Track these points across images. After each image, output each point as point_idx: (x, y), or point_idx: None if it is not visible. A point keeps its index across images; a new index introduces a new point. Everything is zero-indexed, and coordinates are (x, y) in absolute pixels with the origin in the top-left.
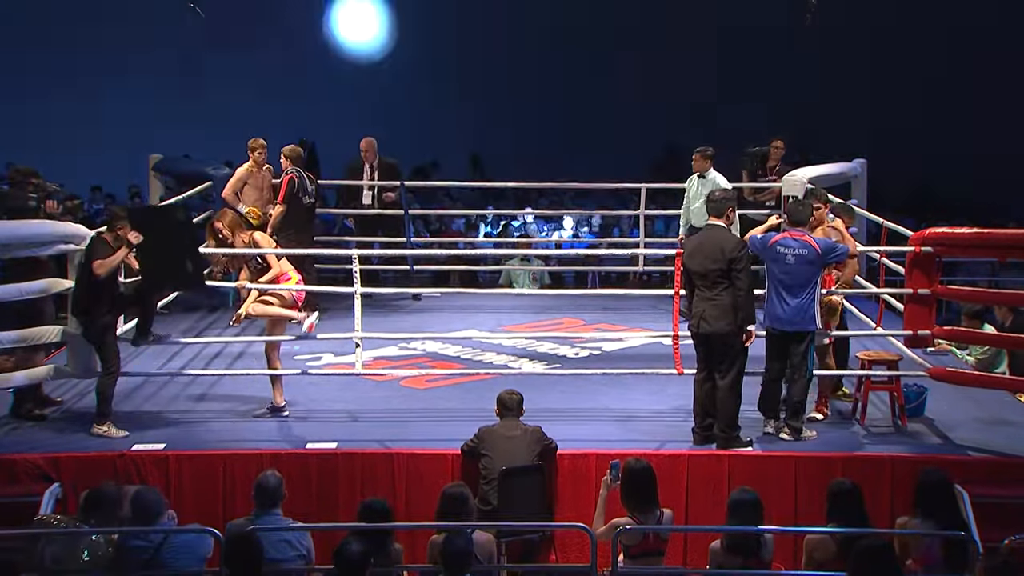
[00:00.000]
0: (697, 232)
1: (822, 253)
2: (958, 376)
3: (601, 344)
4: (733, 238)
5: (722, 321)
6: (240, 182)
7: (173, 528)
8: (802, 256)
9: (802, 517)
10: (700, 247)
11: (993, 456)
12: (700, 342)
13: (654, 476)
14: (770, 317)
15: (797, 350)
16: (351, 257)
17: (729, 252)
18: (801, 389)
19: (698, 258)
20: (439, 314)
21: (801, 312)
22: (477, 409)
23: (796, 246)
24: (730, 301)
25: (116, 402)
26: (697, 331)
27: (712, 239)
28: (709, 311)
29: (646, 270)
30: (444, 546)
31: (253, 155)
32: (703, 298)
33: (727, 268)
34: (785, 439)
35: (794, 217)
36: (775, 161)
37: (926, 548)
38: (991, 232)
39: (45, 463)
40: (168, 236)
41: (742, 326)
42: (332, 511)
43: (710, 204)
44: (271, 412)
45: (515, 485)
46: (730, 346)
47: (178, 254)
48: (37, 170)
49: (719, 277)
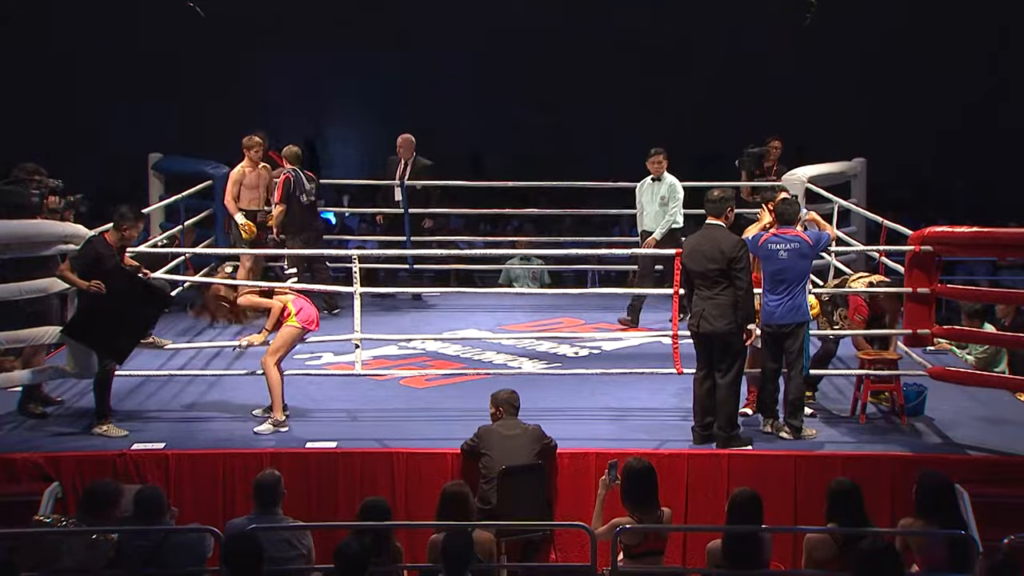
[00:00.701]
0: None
1: (813, 244)
2: (958, 375)
3: (601, 343)
4: (732, 238)
5: (722, 320)
6: (236, 185)
7: (173, 527)
8: (794, 250)
9: (802, 517)
10: (699, 247)
11: (993, 455)
12: (700, 341)
13: (655, 476)
14: (764, 315)
15: (792, 346)
16: (351, 257)
17: (729, 252)
18: (798, 386)
19: (697, 258)
20: (439, 313)
21: (795, 307)
22: (477, 408)
23: (787, 241)
24: (730, 300)
25: (116, 402)
26: (697, 330)
27: (711, 239)
28: (709, 310)
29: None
30: (444, 545)
31: (248, 153)
32: (703, 297)
33: (726, 268)
34: (785, 438)
35: (784, 217)
36: (772, 161)
37: (929, 550)
38: (991, 231)
39: (45, 462)
40: (121, 304)
41: (743, 325)
42: (332, 510)
43: (709, 204)
44: (273, 425)
45: (515, 484)
46: (730, 345)
47: (117, 324)
48: (40, 167)
49: (719, 276)
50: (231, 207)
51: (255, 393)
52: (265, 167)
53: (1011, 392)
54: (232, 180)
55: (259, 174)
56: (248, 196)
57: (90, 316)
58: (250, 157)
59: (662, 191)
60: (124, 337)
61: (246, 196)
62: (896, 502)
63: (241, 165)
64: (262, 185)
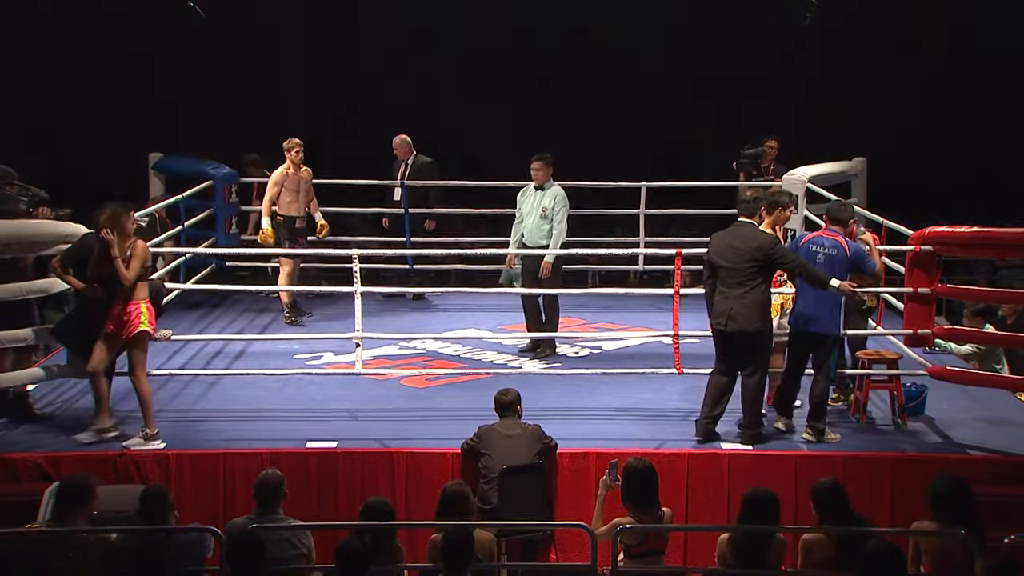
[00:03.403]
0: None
1: (850, 256)
2: (958, 375)
3: (601, 343)
4: (766, 234)
5: (751, 320)
6: (276, 187)
7: (173, 527)
8: (830, 256)
9: (802, 516)
10: (731, 242)
11: (993, 455)
12: (723, 339)
13: (656, 475)
14: (795, 315)
15: (820, 350)
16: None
17: (766, 248)
18: (823, 389)
19: (728, 253)
20: (439, 313)
21: (825, 312)
22: (477, 408)
23: (828, 245)
24: (759, 299)
25: (116, 401)
26: (724, 329)
27: (743, 236)
28: (738, 309)
29: (646, 269)
30: (444, 545)
31: (289, 155)
32: (730, 296)
33: (764, 263)
34: (808, 438)
35: (833, 215)
36: (769, 161)
37: (942, 554)
38: (991, 231)
39: (45, 462)
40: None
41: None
42: (332, 510)
43: (742, 204)
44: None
45: (515, 484)
46: (757, 345)
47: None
48: (12, 171)
49: (752, 273)
50: (264, 208)
51: (255, 393)
52: (307, 170)
53: (1011, 392)
54: (273, 181)
55: (300, 177)
56: (287, 199)
57: (81, 318)
58: (291, 159)
59: (544, 201)
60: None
61: (285, 199)
62: (896, 502)
63: (282, 168)
64: (303, 189)
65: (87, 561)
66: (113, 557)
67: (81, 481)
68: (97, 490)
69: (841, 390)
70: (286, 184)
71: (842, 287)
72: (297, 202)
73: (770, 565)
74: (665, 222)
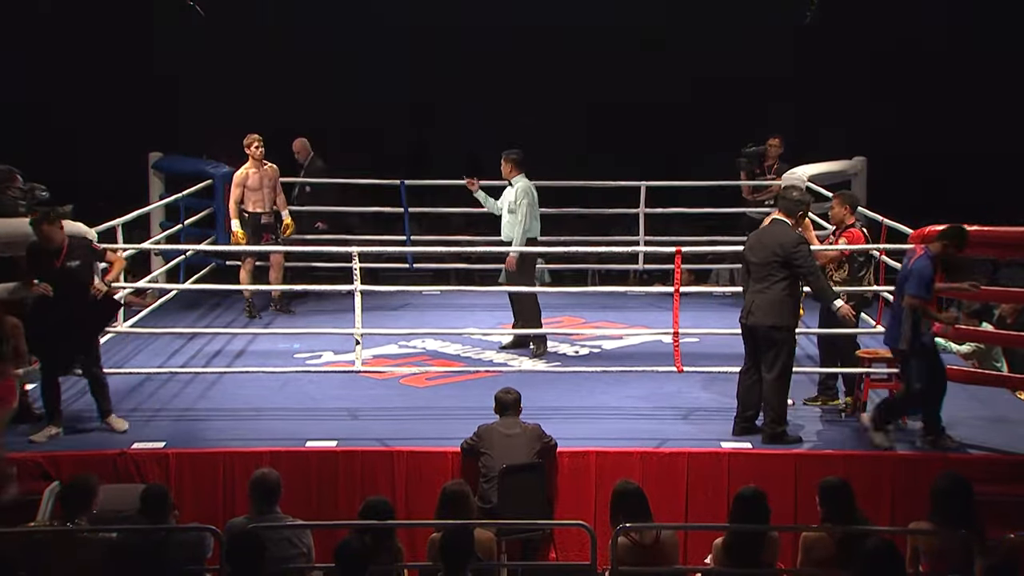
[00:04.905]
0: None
1: (906, 270)
2: (958, 375)
3: (601, 342)
4: (792, 234)
5: (767, 315)
6: (238, 188)
7: (173, 526)
8: (903, 267)
9: (802, 516)
10: (761, 239)
11: (993, 454)
12: (747, 334)
13: (644, 497)
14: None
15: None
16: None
17: (788, 246)
18: (903, 399)
19: (757, 249)
20: (439, 312)
21: (893, 326)
22: (477, 407)
23: (908, 258)
24: (779, 296)
25: (116, 400)
26: (745, 322)
27: (772, 233)
28: (758, 303)
29: (646, 268)
30: (444, 544)
31: (250, 151)
32: (755, 290)
33: (784, 261)
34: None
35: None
36: (772, 160)
37: (941, 555)
38: (991, 231)
39: (45, 462)
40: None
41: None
42: (332, 509)
43: (783, 200)
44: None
45: (515, 483)
46: (774, 341)
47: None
48: (16, 170)
49: (775, 269)
50: (232, 210)
51: (255, 392)
52: (272, 166)
53: (1011, 391)
54: (235, 183)
55: (264, 174)
56: (253, 198)
57: (35, 319)
58: (252, 155)
59: (511, 196)
60: (63, 344)
61: (251, 198)
62: (896, 502)
63: (244, 167)
64: (267, 186)
65: (87, 560)
66: (113, 556)
67: (84, 481)
68: (98, 489)
69: (823, 393)
70: (248, 183)
71: (842, 310)
72: (262, 199)
73: (765, 563)
74: (665, 221)
